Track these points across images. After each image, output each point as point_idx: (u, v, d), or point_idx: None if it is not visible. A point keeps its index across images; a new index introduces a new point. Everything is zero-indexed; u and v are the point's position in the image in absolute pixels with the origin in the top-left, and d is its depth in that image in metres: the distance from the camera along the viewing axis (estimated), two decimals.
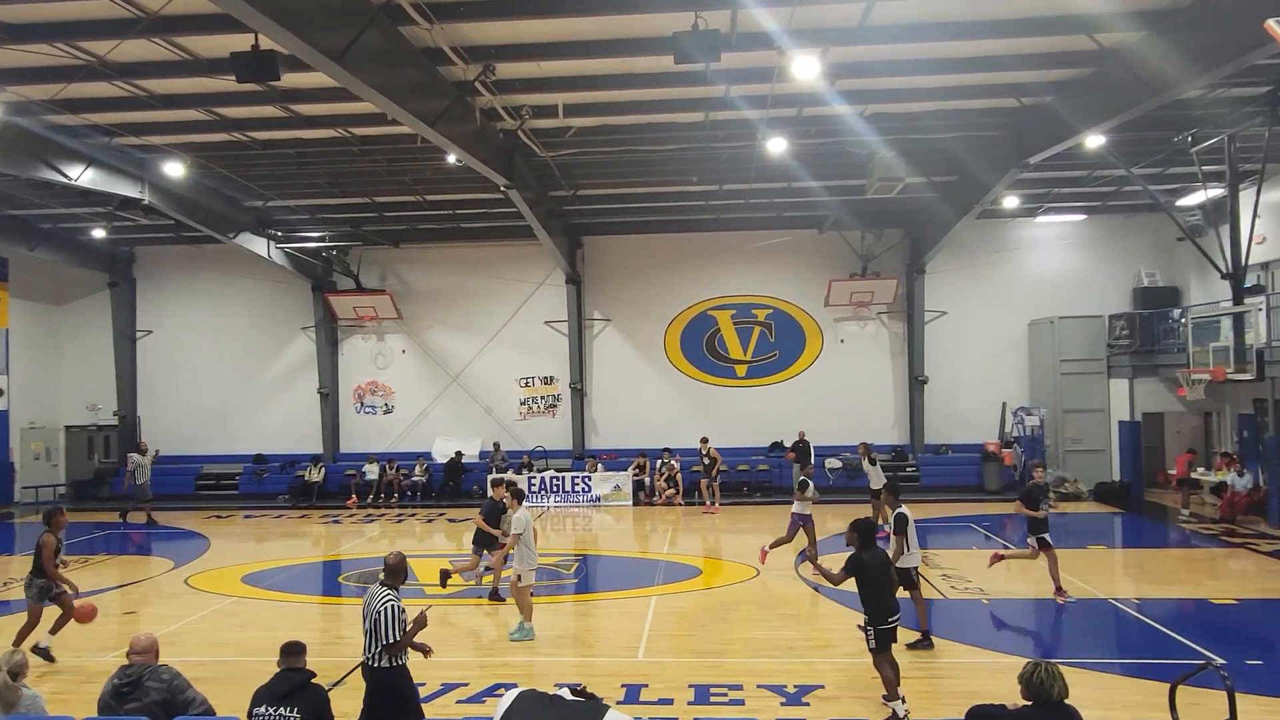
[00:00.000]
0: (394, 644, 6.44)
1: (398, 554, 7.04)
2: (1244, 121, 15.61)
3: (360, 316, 25.45)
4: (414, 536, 19.16)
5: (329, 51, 9.95)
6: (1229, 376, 16.69)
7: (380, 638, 6.42)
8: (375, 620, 6.45)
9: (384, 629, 6.42)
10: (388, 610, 6.47)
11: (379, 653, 6.47)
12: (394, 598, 6.62)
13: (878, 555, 8.31)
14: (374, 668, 6.52)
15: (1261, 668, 9.32)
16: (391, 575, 6.85)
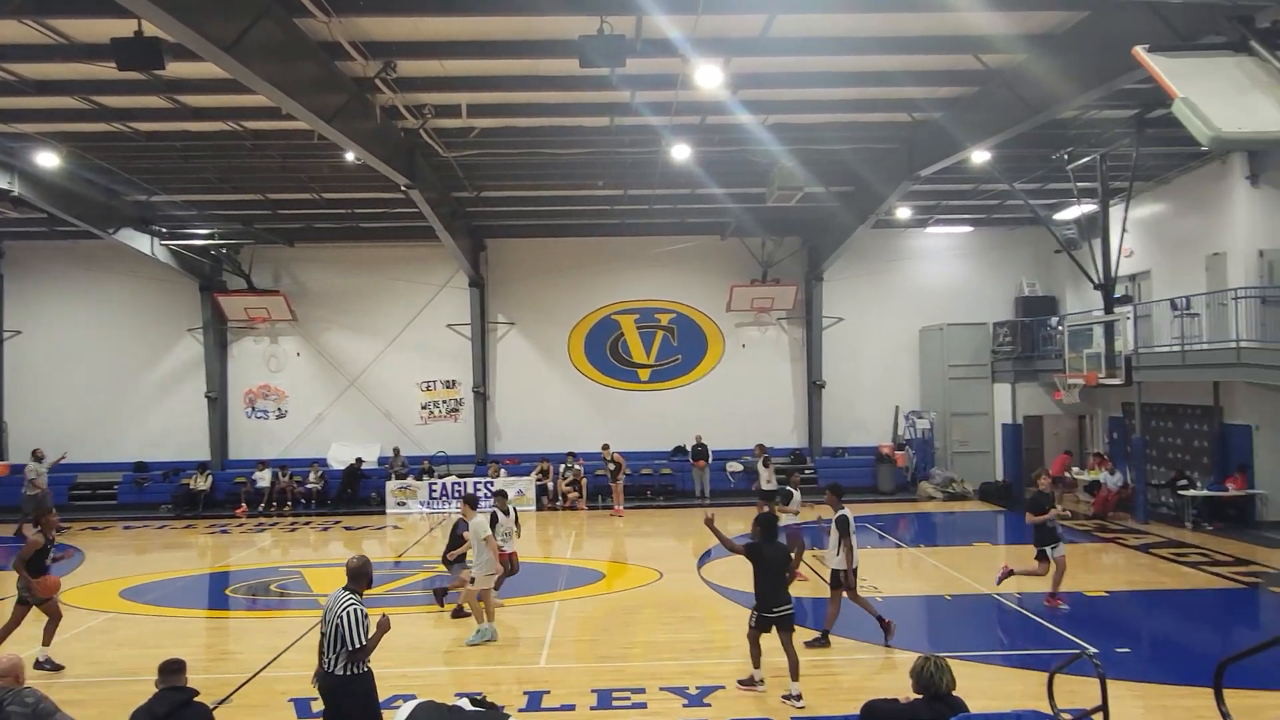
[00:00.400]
0: (358, 649, 6.26)
1: (360, 558, 6.87)
2: (1114, 141, 16.64)
3: (252, 318, 24.47)
4: (309, 546, 18.53)
5: (219, 41, 9.55)
6: (1101, 381, 17.74)
7: (344, 643, 6.23)
8: (337, 625, 6.26)
9: (348, 634, 6.23)
10: (350, 615, 6.29)
11: (338, 658, 6.27)
12: (356, 602, 6.45)
13: (777, 549, 8.87)
14: (333, 674, 6.31)
15: (1130, 655, 9.93)
16: (354, 580, 6.66)
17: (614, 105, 15.00)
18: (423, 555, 16.88)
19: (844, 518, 10.43)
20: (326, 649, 6.33)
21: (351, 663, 6.29)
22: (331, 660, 6.30)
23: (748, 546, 8.90)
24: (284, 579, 14.95)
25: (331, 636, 6.30)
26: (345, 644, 6.23)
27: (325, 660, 6.34)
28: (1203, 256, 18.32)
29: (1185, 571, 13.93)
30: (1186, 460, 18.94)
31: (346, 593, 6.53)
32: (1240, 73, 5.80)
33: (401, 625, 11.75)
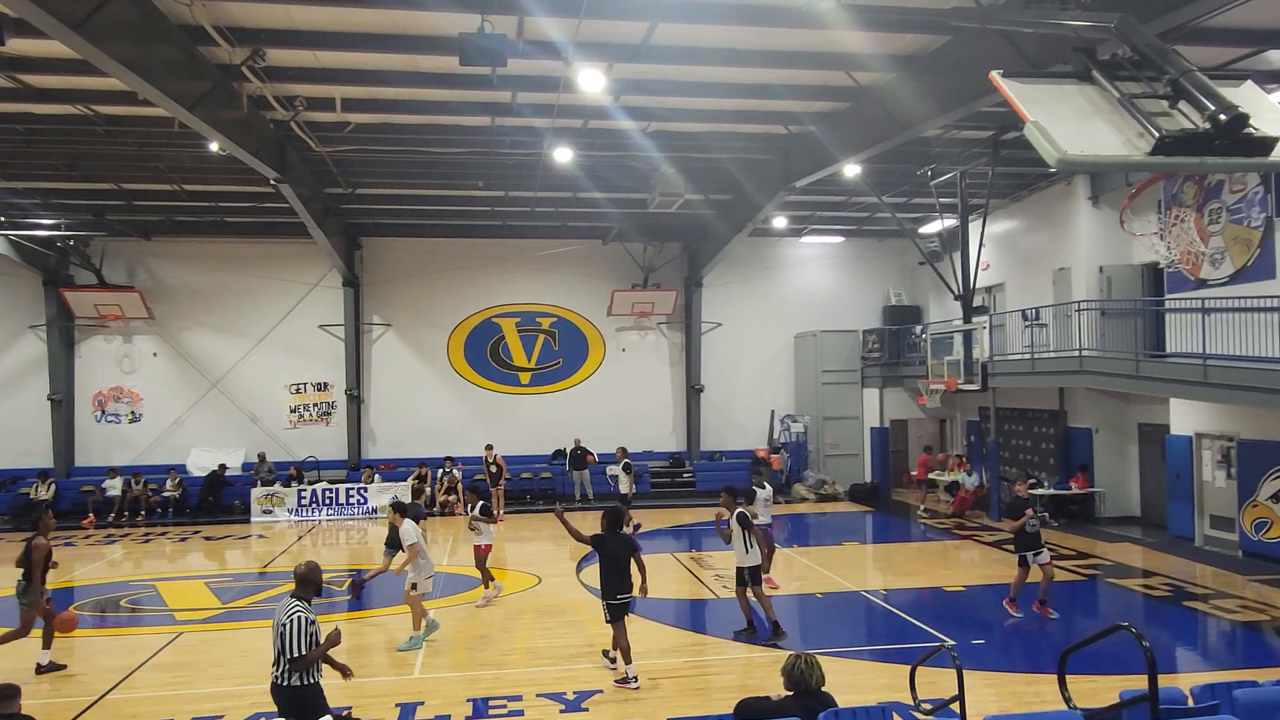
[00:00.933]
0: (301, 658, 6.03)
1: (309, 563, 6.61)
2: (973, 160, 17.62)
3: (103, 315, 22.88)
4: (164, 558, 17.45)
5: (67, 19, 8.90)
6: (960, 387, 18.73)
7: (286, 651, 6.00)
8: (281, 633, 6.03)
9: (290, 641, 6.00)
10: (295, 621, 6.06)
11: (286, 669, 6.04)
12: (303, 609, 6.21)
13: (621, 541, 9.36)
14: (282, 686, 6.08)
15: (984, 646, 10.51)
16: (302, 586, 6.41)
17: (495, 105, 14.82)
18: (290, 565, 16.14)
19: (743, 515, 10.73)
20: (276, 659, 6.11)
21: (297, 673, 6.05)
22: (281, 672, 6.08)
23: (593, 537, 9.36)
24: (136, 593, 14.03)
25: (277, 645, 6.08)
26: (287, 651, 6.02)
27: (276, 671, 6.12)
28: (1050, 271, 19.65)
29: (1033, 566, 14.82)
30: (1035, 461, 20.25)
31: (294, 600, 6.28)
32: (1084, 100, 6.23)
33: (266, 639, 11.23)
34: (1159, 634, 10.82)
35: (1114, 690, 5.51)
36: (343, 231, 22.99)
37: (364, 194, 20.56)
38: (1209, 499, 15.92)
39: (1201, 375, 13.68)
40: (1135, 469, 18.68)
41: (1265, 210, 14.54)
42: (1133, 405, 18.36)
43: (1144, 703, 4.92)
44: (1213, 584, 13.33)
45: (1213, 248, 15.66)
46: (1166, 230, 16.71)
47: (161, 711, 8.54)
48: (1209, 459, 15.83)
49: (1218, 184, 15.56)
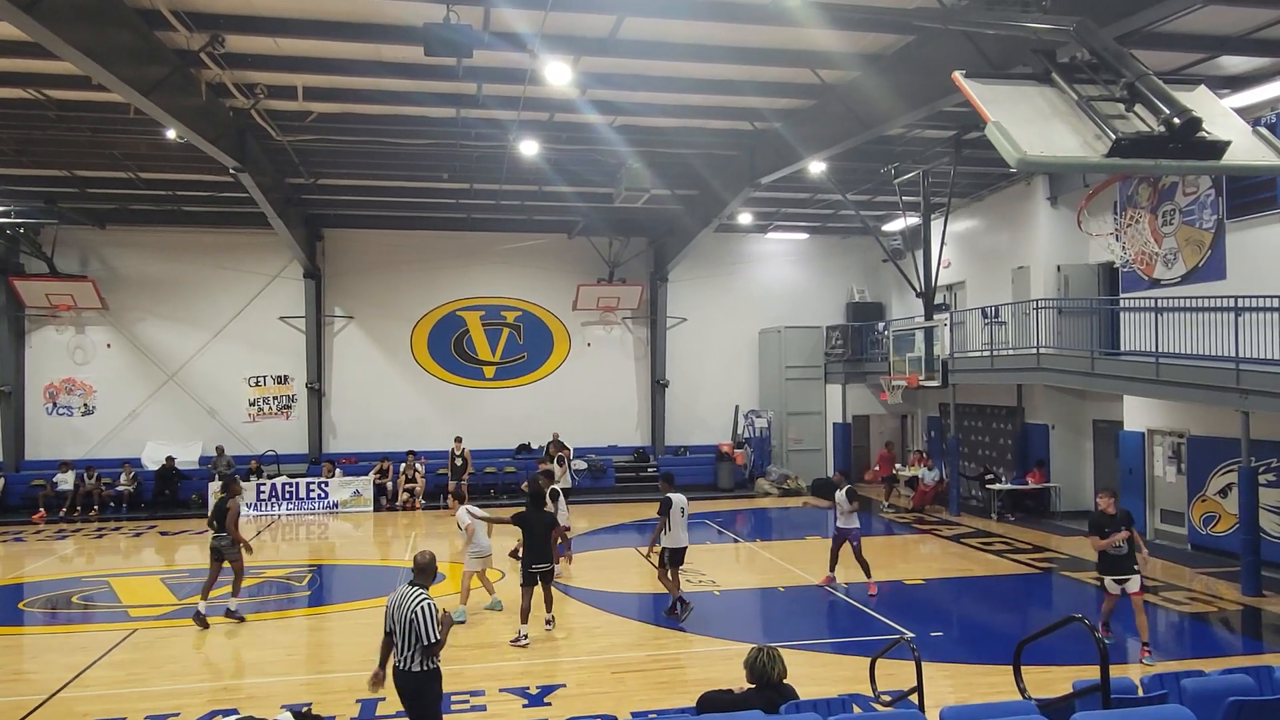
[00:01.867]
0: (433, 644, 6.22)
1: (428, 553, 6.83)
2: (936, 160, 17.83)
3: (55, 305, 22.31)
4: (118, 553, 17.09)
5: (18, 0, 8.65)
6: (921, 383, 18.98)
7: (421, 638, 6.17)
8: (410, 621, 6.18)
9: (423, 629, 6.17)
10: (426, 609, 6.22)
11: (415, 655, 6.21)
12: (428, 598, 6.35)
13: (540, 517, 10.67)
14: (411, 672, 6.25)
15: (943, 638, 10.67)
16: (421, 575, 6.62)
17: (461, 97, 14.69)
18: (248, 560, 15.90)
19: (665, 499, 11.49)
20: (402, 646, 6.24)
21: (427, 658, 6.23)
22: (408, 658, 6.23)
23: (515, 515, 10.76)
24: (88, 589, 13.73)
25: (405, 633, 6.20)
26: (421, 639, 6.16)
27: (401, 658, 6.26)
28: (1009, 269, 19.96)
29: (991, 559, 15.12)
30: (993, 457, 20.60)
31: (414, 588, 6.42)
32: (1044, 102, 6.33)
33: (224, 636, 11.07)
34: (1111, 625, 11.05)
35: (1067, 680, 5.64)
36: (304, 222, 22.66)
37: (326, 184, 20.28)
38: (1160, 494, 16.32)
39: (1154, 373, 14.02)
40: (1090, 464, 19.07)
41: (1216, 213, 14.91)
42: (1088, 402, 18.75)
43: (1096, 693, 5.03)
44: (1162, 576, 13.66)
45: (1166, 248, 16.02)
46: (1122, 231, 17.06)
47: (115, 710, 8.38)
48: (1160, 455, 16.22)
49: (1171, 186, 15.92)
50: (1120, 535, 9.73)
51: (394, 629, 6.35)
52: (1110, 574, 9.90)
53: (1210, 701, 4.76)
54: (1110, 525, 9.83)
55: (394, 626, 6.35)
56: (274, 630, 11.45)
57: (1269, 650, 10.16)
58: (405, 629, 6.24)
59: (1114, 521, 9.84)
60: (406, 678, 6.30)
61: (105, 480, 21.29)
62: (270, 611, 12.47)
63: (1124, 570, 9.81)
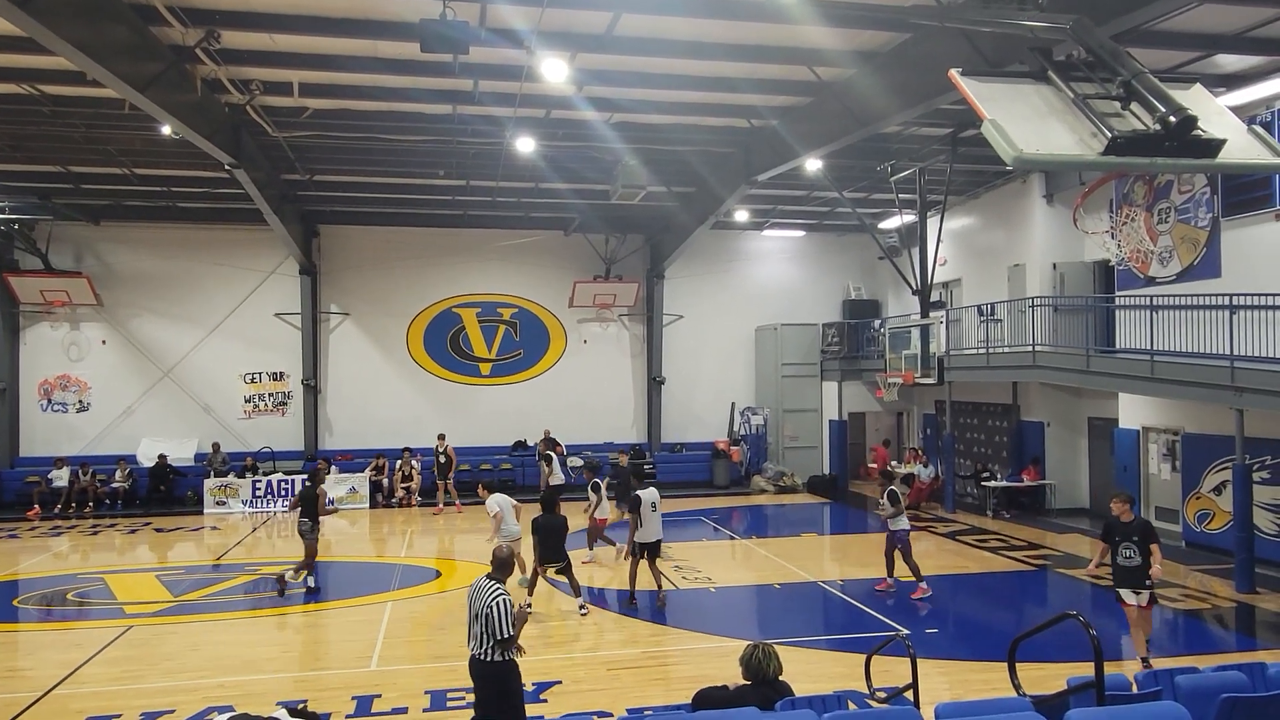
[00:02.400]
0: (508, 638, 6.35)
1: (507, 547, 7.02)
2: (932, 157, 17.85)
3: (50, 301, 22.25)
4: (113, 550, 17.06)
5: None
6: (917, 380, 19.01)
7: (494, 632, 6.30)
8: (487, 615, 6.32)
9: (499, 622, 6.30)
10: (502, 603, 6.35)
11: (492, 647, 6.34)
12: (505, 591, 6.49)
13: (552, 519, 10.93)
14: (485, 662, 6.40)
15: (937, 635, 10.70)
16: (500, 569, 6.76)
17: (457, 93, 14.66)
18: (245, 557, 15.93)
19: (635, 496, 12.17)
20: (481, 638, 6.38)
21: (502, 650, 6.36)
22: (486, 650, 6.36)
23: (533, 520, 11.21)
24: (83, 586, 13.71)
25: (482, 626, 6.34)
26: (495, 633, 6.29)
27: (480, 650, 6.41)
28: (1005, 267, 19.99)
29: (986, 556, 15.16)
30: (988, 454, 20.64)
31: (492, 581, 6.56)
32: (1040, 100, 6.33)
33: (220, 633, 11.06)
34: (1105, 622, 11.07)
35: (1062, 677, 5.65)
36: (300, 218, 22.61)
37: (322, 181, 20.23)
38: (1155, 491, 16.36)
39: (1149, 371, 14.05)
40: (1085, 462, 19.12)
41: (1211, 211, 14.94)
42: (1083, 400, 18.79)
43: (1090, 689, 5.05)
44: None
45: (1161, 246, 16.05)
46: (1117, 229, 17.09)
47: (110, 707, 8.37)
48: (1155, 452, 16.27)
49: (1167, 184, 15.94)
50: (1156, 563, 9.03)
51: (469, 619, 6.55)
52: (1124, 585, 9.23)
53: (1204, 698, 4.78)
54: (1121, 533, 9.19)
55: (468, 616, 6.55)
56: (270, 627, 11.44)
57: (1262, 647, 10.19)
58: (482, 622, 6.38)
59: (1126, 529, 9.16)
60: (487, 667, 6.44)
61: (100, 477, 21.25)
62: (266, 609, 12.46)
63: (1136, 583, 9.13)
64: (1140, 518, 9.61)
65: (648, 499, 12.09)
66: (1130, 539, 9.12)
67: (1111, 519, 9.39)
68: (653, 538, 12.12)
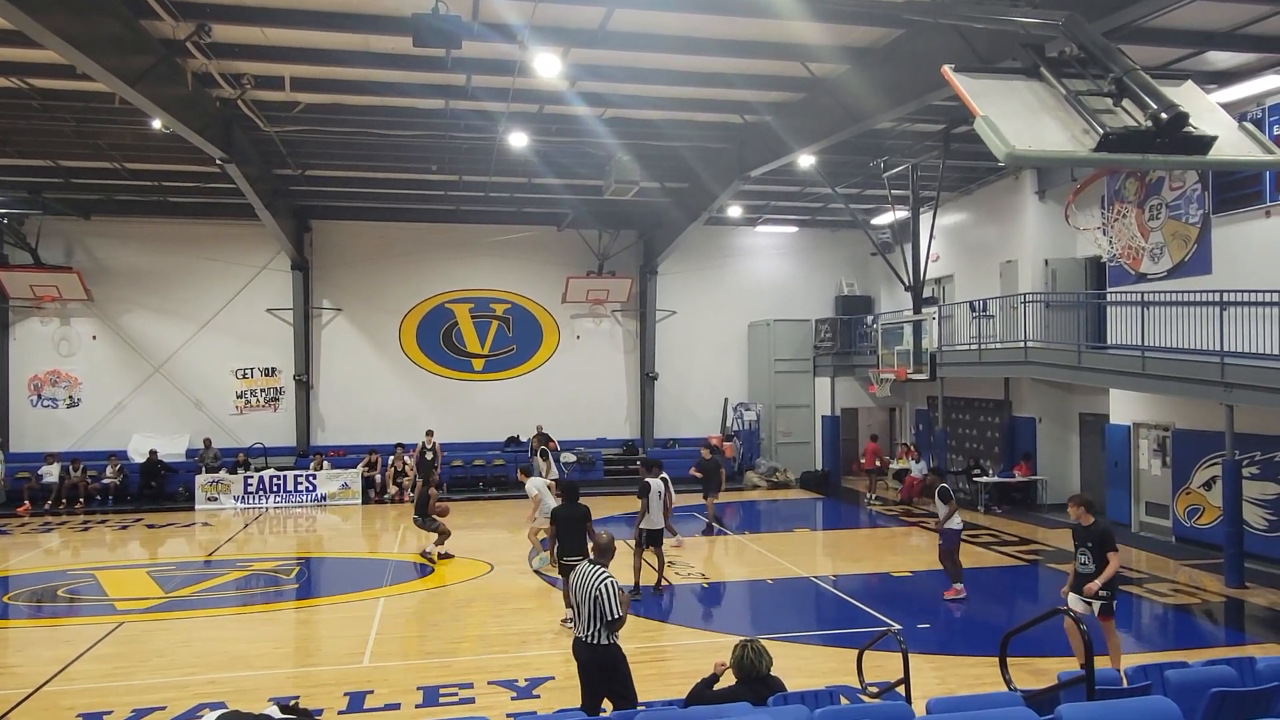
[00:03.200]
0: (615, 620, 6.54)
1: (607, 533, 7.28)
2: (924, 153, 17.86)
3: (39, 296, 22.14)
4: (104, 546, 17.01)
5: None
6: (909, 376, 19.03)
7: (604, 613, 6.51)
8: (595, 599, 6.54)
9: (607, 605, 6.52)
10: (610, 587, 6.58)
11: (599, 629, 6.54)
12: (610, 576, 6.70)
13: (575, 511, 10.48)
14: (593, 644, 6.61)
15: (929, 630, 10.73)
16: (602, 555, 7.01)
17: (449, 88, 14.61)
18: (236, 553, 15.89)
19: (644, 484, 12.46)
20: (588, 622, 6.58)
21: (610, 633, 6.55)
22: (595, 632, 6.57)
23: (553, 511, 10.94)
24: (74, 583, 13.66)
25: (590, 610, 6.55)
26: (605, 615, 6.50)
27: (588, 633, 6.60)
28: (997, 263, 20.03)
29: (978, 551, 15.20)
30: (980, 450, 20.71)
31: (595, 566, 6.79)
32: (1033, 96, 6.34)
33: (212, 629, 11.04)
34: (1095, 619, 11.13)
35: (1053, 672, 5.68)
36: (292, 213, 22.53)
37: (314, 175, 20.17)
38: (1145, 486, 16.44)
39: (1140, 367, 14.11)
40: (1076, 457, 19.20)
41: (1202, 207, 14.99)
42: (1075, 395, 18.85)
43: (1081, 684, 5.07)
44: (1147, 568, 13.78)
45: (1152, 243, 16.10)
46: (1109, 225, 17.14)
47: (101, 704, 8.35)
48: (1146, 448, 16.35)
49: (1158, 181, 15.99)
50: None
51: (576, 604, 6.73)
52: (1074, 591, 8.67)
53: (1193, 692, 4.81)
54: (1079, 538, 8.77)
55: (575, 601, 6.73)
56: (261, 623, 11.42)
57: (1251, 641, 10.26)
58: (590, 605, 6.55)
59: (1084, 534, 8.71)
60: (595, 650, 6.61)
61: (91, 473, 21.17)
62: (257, 605, 12.44)
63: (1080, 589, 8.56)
64: (1100, 522, 8.95)
65: (654, 488, 12.42)
66: (1085, 544, 8.63)
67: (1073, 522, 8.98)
68: (654, 526, 12.46)
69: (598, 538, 7.20)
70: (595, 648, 6.61)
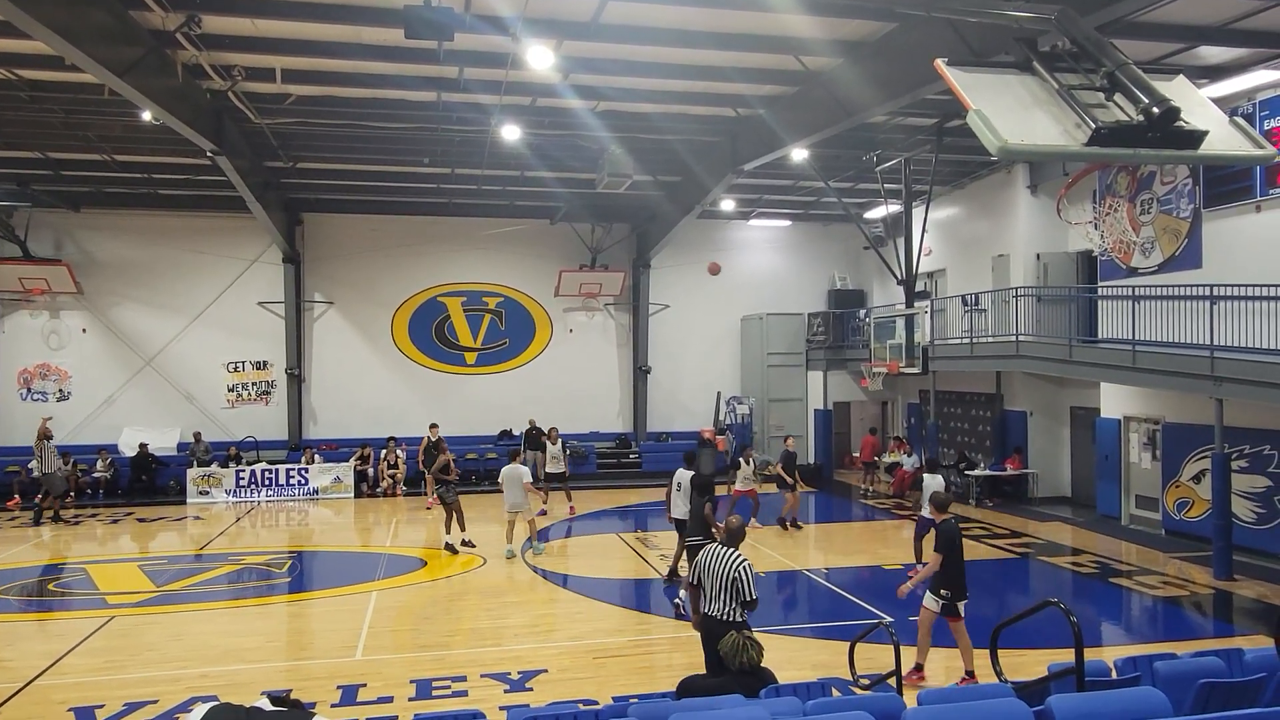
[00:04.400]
0: (754, 600, 6.80)
1: (738, 517, 7.57)
2: (917, 147, 17.87)
3: (28, 289, 22.00)
4: (95, 540, 16.96)
5: None
6: (901, 370, 19.09)
7: (741, 594, 6.78)
8: (734, 580, 6.79)
9: (745, 587, 6.78)
10: (747, 570, 6.84)
11: (734, 609, 6.80)
12: (746, 559, 6.91)
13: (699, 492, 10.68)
14: (727, 621, 6.78)
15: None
16: (734, 538, 7.22)
17: (442, 80, 14.56)
18: (228, 547, 15.85)
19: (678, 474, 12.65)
20: (723, 601, 6.81)
21: (744, 612, 6.83)
22: (730, 611, 6.80)
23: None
24: (65, 577, 13.62)
25: (726, 590, 6.81)
26: (742, 596, 6.77)
27: (722, 611, 6.81)
28: (989, 257, 20.07)
29: (969, 544, 15.12)
30: (972, 443, 20.78)
31: (728, 549, 7.01)
32: (1025, 90, 6.34)
33: (204, 623, 11.02)
34: (1086, 609, 11.22)
35: (1043, 663, 5.71)
36: (283, 206, 22.44)
37: (305, 168, 20.07)
38: (1135, 480, 16.52)
39: (1130, 361, 14.16)
40: (1067, 451, 19.29)
41: (1193, 202, 15.05)
42: (1066, 389, 18.93)
43: (1071, 675, 5.10)
44: (1137, 561, 13.86)
45: (1144, 237, 16.16)
46: (1101, 219, 17.18)
47: (93, 697, 8.33)
48: (1136, 441, 16.43)
49: (1149, 175, 16.04)
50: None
51: (708, 584, 6.91)
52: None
53: (1182, 683, 4.84)
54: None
55: (708, 582, 6.91)
56: (253, 617, 11.40)
57: (1239, 633, 10.33)
58: (725, 586, 6.79)
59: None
60: (727, 626, 6.66)
61: (81, 467, 21.08)
62: (250, 599, 12.42)
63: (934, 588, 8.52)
64: (945, 523, 8.69)
65: (675, 479, 12.63)
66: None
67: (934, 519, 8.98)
68: (677, 515, 12.63)
69: (728, 522, 7.44)
70: (728, 624, 6.77)
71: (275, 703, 3.48)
